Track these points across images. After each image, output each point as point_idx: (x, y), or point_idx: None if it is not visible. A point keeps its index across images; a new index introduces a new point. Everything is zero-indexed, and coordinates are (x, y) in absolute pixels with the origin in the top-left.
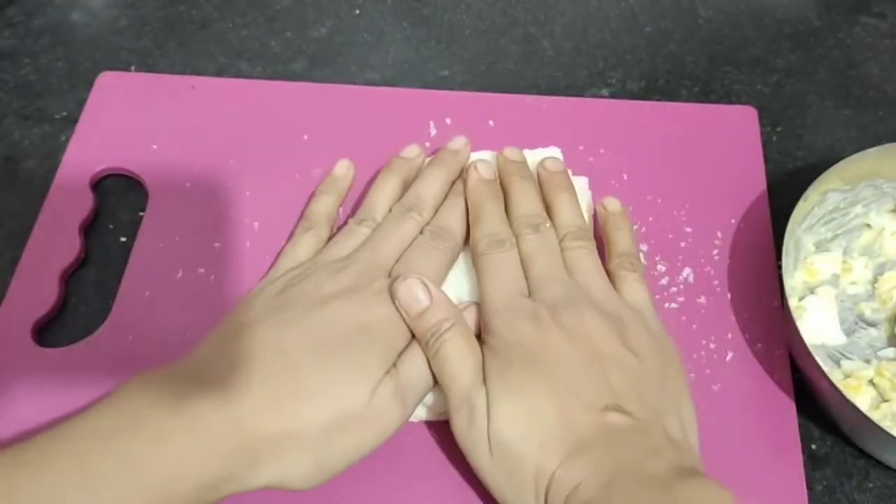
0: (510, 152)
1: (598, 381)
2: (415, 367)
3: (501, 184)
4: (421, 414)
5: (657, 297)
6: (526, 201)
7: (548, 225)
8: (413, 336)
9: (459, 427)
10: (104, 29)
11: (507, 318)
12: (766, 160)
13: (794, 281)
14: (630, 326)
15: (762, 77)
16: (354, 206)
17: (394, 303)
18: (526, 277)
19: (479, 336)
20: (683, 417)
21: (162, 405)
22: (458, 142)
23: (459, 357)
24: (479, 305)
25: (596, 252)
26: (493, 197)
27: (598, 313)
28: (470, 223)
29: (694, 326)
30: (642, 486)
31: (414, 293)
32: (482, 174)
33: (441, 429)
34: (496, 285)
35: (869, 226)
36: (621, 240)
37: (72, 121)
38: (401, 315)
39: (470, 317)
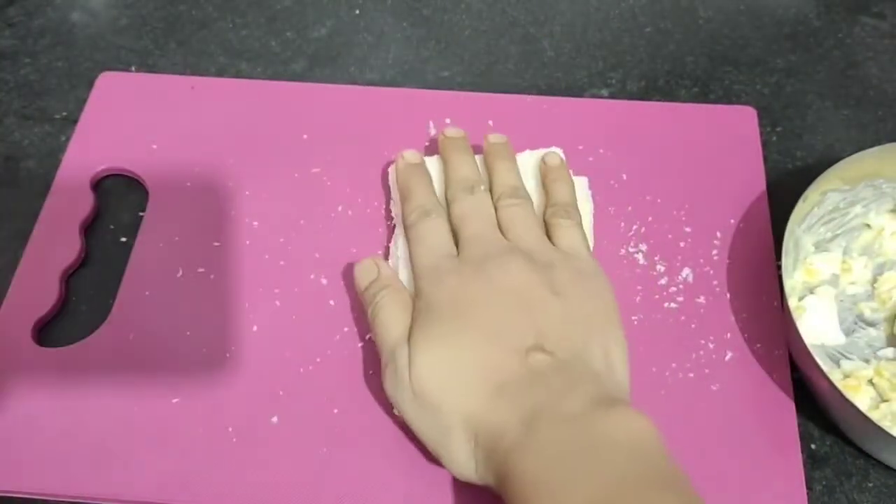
0: (448, 130)
1: (521, 326)
2: None
3: (442, 157)
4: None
5: (656, 296)
6: (462, 165)
7: (483, 189)
8: None
9: (387, 383)
10: (104, 29)
11: (431, 279)
12: (766, 160)
13: (793, 281)
14: (557, 271)
15: (762, 77)
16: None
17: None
18: (459, 240)
19: None
20: (611, 351)
21: None
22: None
23: (386, 318)
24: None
25: (531, 207)
26: (419, 175)
27: (526, 263)
28: (401, 204)
29: (693, 326)
30: (560, 422)
31: (365, 267)
32: (408, 160)
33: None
34: (422, 251)
35: (868, 226)
36: (559, 190)
37: (72, 121)
38: None
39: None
